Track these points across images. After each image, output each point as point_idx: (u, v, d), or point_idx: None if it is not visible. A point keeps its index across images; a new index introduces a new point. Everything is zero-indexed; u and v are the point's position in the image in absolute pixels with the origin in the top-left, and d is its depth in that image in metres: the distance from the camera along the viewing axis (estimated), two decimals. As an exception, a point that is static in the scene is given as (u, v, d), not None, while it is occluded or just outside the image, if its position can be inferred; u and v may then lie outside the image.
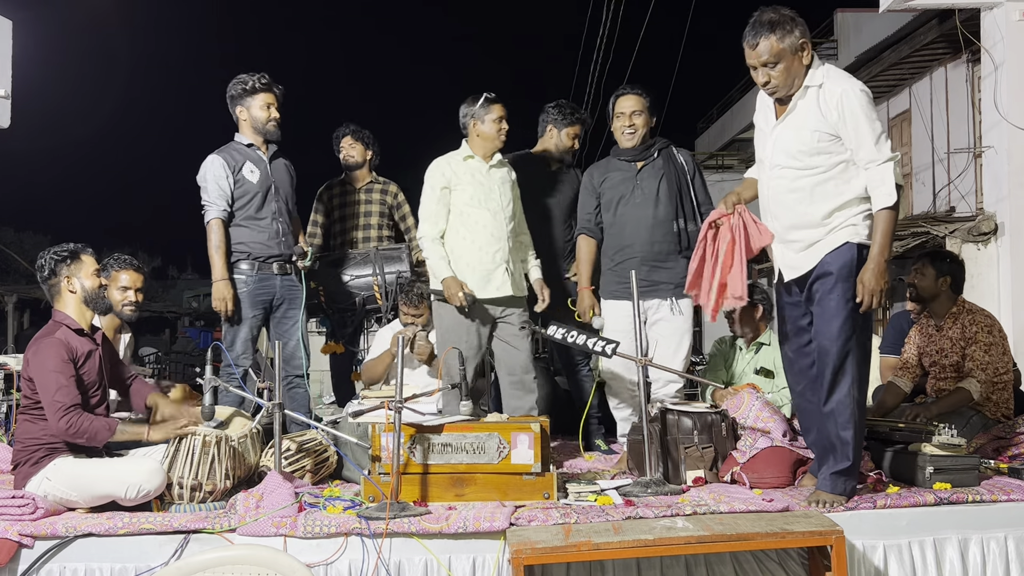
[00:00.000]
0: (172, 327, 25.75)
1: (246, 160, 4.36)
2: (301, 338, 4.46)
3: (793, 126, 3.16)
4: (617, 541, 2.83)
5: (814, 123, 3.10)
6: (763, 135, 3.30)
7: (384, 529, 2.96)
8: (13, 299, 15.83)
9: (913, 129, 12.23)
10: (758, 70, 3.12)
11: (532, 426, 3.31)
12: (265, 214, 4.36)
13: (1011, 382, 4.21)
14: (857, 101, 3.05)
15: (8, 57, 5.45)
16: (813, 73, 3.11)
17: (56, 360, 3.30)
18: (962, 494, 3.27)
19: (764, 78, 3.13)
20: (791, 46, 3.06)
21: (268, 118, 4.38)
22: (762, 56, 3.09)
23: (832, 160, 3.11)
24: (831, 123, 3.07)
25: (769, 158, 3.25)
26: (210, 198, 4.30)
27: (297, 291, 4.46)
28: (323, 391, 6.53)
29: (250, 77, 4.37)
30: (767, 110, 3.29)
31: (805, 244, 3.19)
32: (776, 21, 3.06)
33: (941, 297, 4.21)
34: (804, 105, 3.13)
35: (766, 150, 3.26)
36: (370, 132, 5.46)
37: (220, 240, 4.26)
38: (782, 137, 3.19)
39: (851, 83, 3.11)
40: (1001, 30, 8.35)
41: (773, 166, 3.23)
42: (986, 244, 8.81)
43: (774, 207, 3.26)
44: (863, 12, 15.97)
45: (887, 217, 3.07)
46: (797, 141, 3.14)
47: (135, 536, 3.04)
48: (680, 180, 4.24)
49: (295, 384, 4.41)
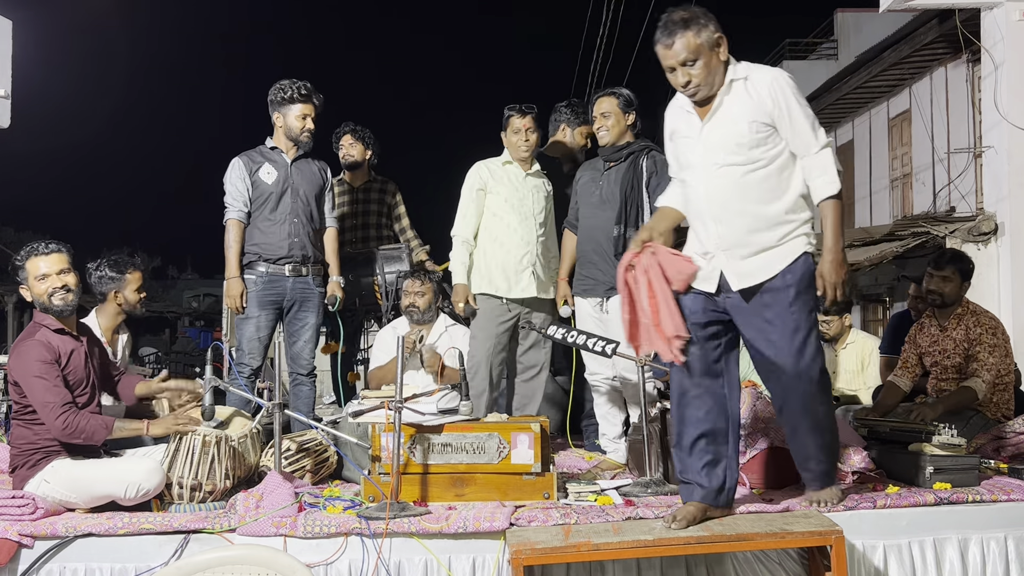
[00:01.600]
0: (172, 327, 25.79)
1: (265, 162, 4.44)
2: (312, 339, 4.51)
3: (725, 121, 2.96)
4: (617, 541, 2.83)
5: (749, 113, 2.93)
6: (689, 141, 3.06)
7: (384, 529, 2.96)
8: (13, 299, 15.84)
9: (913, 129, 12.23)
10: (676, 71, 2.93)
11: (532, 426, 3.31)
12: (278, 215, 4.40)
13: (1012, 383, 4.22)
14: (789, 88, 2.93)
15: (8, 57, 5.45)
16: (734, 68, 2.97)
17: (38, 362, 3.27)
18: (962, 494, 3.26)
19: (684, 78, 2.93)
20: (708, 41, 2.90)
21: (303, 128, 4.42)
22: (680, 55, 2.90)
23: (771, 152, 2.95)
24: (767, 111, 2.91)
25: (703, 160, 3.00)
26: (229, 199, 4.40)
27: (311, 293, 4.48)
28: (323, 391, 6.53)
29: (291, 86, 4.40)
30: (686, 115, 3.06)
31: (756, 249, 2.97)
32: (689, 18, 2.90)
33: (957, 301, 4.22)
34: (732, 99, 2.95)
35: (697, 154, 3.02)
36: (370, 131, 5.45)
37: (234, 239, 4.35)
38: (714, 136, 2.98)
39: (778, 72, 2.99)
40: (1001, 30, 8.35)
41: (711, 165, 2.98)
42: (986, 244, 8.81)
43: (719, 211, 2.98)
44: (863, 12, 15.99)
45: (833, 206, 2.94)
46: (734, 135, 2.94)
47: (135, 536, 3.03)
48: (633, 185, 4.16)
49: (300, 382, 4.46)
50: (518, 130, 4.31)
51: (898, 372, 4.39)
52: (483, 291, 4.29)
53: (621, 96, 4.25)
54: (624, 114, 4.24)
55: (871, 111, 13.53)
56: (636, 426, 3.94)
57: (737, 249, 2.98)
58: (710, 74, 2.92)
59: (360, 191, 5.43)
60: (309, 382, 4.50)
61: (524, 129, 4.30)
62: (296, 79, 4.44)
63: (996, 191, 8.74)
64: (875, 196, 13.51)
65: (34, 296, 3.41)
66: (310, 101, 4.44)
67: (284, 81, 4.45)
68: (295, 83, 4.42)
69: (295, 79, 4.44)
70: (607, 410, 4.31)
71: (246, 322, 4.37)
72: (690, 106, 3.04)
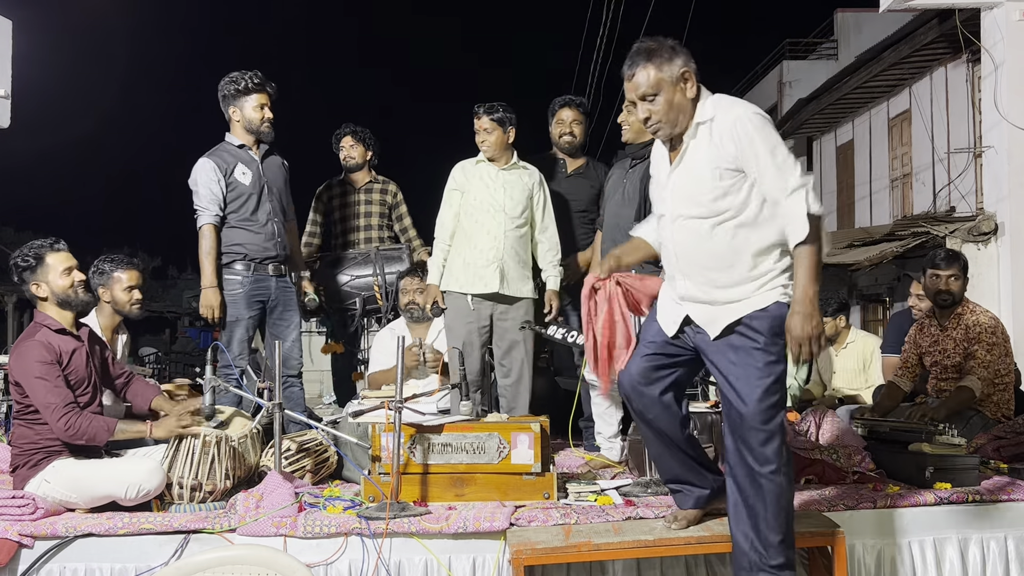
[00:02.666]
0: (172, 327, 25.79)
1: (237, 162, 4.30)
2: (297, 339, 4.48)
3: (688, 168, 2.73)
4: (617, 541, 2.84)
5: (713, 160, 2.67)
6: (659, 186, 2.88)
7: (384, 529, 2.96)
8: (13, 299, 15.84)
9: (913, 129, 12.23)
10: (638, 106, 2.74)
11: (532, 426, 3.31)
12: (260, 216, 4.32)
13: (1012, 383, 4.22)
14: (752, 125, 2.63)
15: (8, 57, 5.45)
16: (702, 107, 2.71)
17: (39, 363, 3.27)
18: (962, 494, 3.26)
19: (644, 113, 2.72)
20: (671, 76, 2.67)
21: (262, 119, 4.31)
22: (639, 88, 2.70)
23: (739, 200, 2.67)
24: (731, 156, 2.65)
25: (670, 210, 2.79)
26: (202, 203, 4.24)
27: (291, 293, 4.46)
28: (323, 391, 6.53)
29: (242, 76, 4.28)
30: (662, 156, 2.87)
31: (724, 301, 2.73)
32: (653, 49, 2.70)
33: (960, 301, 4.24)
34: (696, 145, 2.71)
35: (665, 202, 2.82)
36: (370, 132, 5.46)
37: (211, 246, 4.22)
38: (679, 183, 2.76)
39: (744, 108, 2.70)
40: (1001, 30, 8.35)
41: (677, 217, 2.77)
42: (986, 244, 8.81)
43: (685, 266, 2.77)
44: (863, 12, 16.01)
45: (805, 253, 2.60)
46: (697, 185, 2.70)
47: (135, 536, 3.03)
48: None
49: (291, 383, 4.42)
50: (478, 129, 4.31)
51: (898, 372, 4.39)
52: (449, 288, 4.32)
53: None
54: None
55: (871, 111, 13.53)
56: (636, 426, 3.94)
57: (704, 305, 2.75)
58: (672, 110, 2.69)
59: (362, 192, 5.44)
60: (299, 383, 4.45)
61: (478, 130, 4.32)
62: (247, 70, 4.31)
63: (996, 191, 8.73)
64: (875, 196, 13.51)
65: (55, 290, 3.39)
66: (264, 90, 4.30)
67: (234, 73, 4.30)
68: (246, 73, 4.28)
69: (245, 70, 4.31)
70: (603, 409, 4.31)
71: (237, 324, 4.29)
72: (666, 150, 2.85)
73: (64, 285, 3.41)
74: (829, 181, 15.01)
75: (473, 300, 4.26)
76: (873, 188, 13.58)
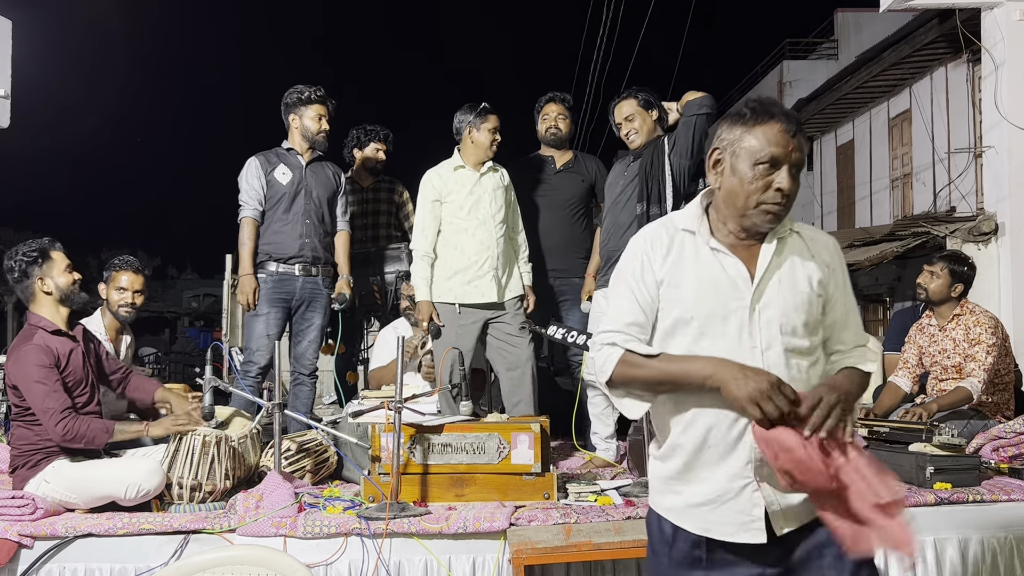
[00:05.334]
0: (172, 327, 25.80)
1: (281, 163, 4.53)
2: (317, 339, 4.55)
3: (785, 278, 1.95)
4: (617, 541, 2.84)
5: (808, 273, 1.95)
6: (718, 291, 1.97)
7: (384, 529, 2.96)
8: (13, 299, 15.84)
9: (913, 129, 12.23)
10: (789, 180, 1.91)
11: (532, 426, 3.31)
12: (291, 215, 4.48)
13: (1012, 383, 4.22)
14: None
15: (8, 57, 5.45)
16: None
17: (37, 367, 3.27)
18: (962, 494, 3.27)
19: (789, 189, 1.91)
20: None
21: (319, 129, 4.55)
22: (800, 157, 1.93)
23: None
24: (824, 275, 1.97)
25: (763, 338, 1.91)
26: (243, 197, 4.48)
27: (319, 294, 4.54)
28: (323, 391, 6.53)
29: (307, 88, 4.55)
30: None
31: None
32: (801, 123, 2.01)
33: (949, 301, 4.21)
34: (790, 247, 1.96)
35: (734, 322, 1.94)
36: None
37: (248, 237, 4.43)
38: (772, 299, 1.93)
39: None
40: (1001, 30, 8.35)
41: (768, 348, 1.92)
42: (986, 244, 8.80)
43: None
44: (863, 12, 16.03)
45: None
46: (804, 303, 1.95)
47: (135, 536, 3.04)
48: (653, 162, 4.13)
49: (301, 382, 4.52)
50: (493, 128, 4.26)
51: (899, 372, 4.39)
52: (441, 299, 4.22)
53: (639, 96, 4.27)
54: (647, 112, 4.25)
55: (871, 111, 13.53)
56: (636, 426, 3.94)
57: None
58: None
59: (369, 191, 5.45)
60: (310, 382, 4.56)
61: (496, 128, 4.29)
62: (311, 84, 4.59)
63: (996, 191, 8.73)
64: (875, 196, 13.51)
65: (59, 285, 3.42)
66: (325, 103, 4.59)
67: (299, 85, 4.59)
68: (310, 86, 4.58)
69: (309, 84, 4.59)
70: (601, 410, 4.31)
71: (256, 319, 4.42)
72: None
73: (67, 281, 3.44)
74: (829, 181, 15.03)
75: (464, 309, 4.19)
76: (873, 188, 13.58)
